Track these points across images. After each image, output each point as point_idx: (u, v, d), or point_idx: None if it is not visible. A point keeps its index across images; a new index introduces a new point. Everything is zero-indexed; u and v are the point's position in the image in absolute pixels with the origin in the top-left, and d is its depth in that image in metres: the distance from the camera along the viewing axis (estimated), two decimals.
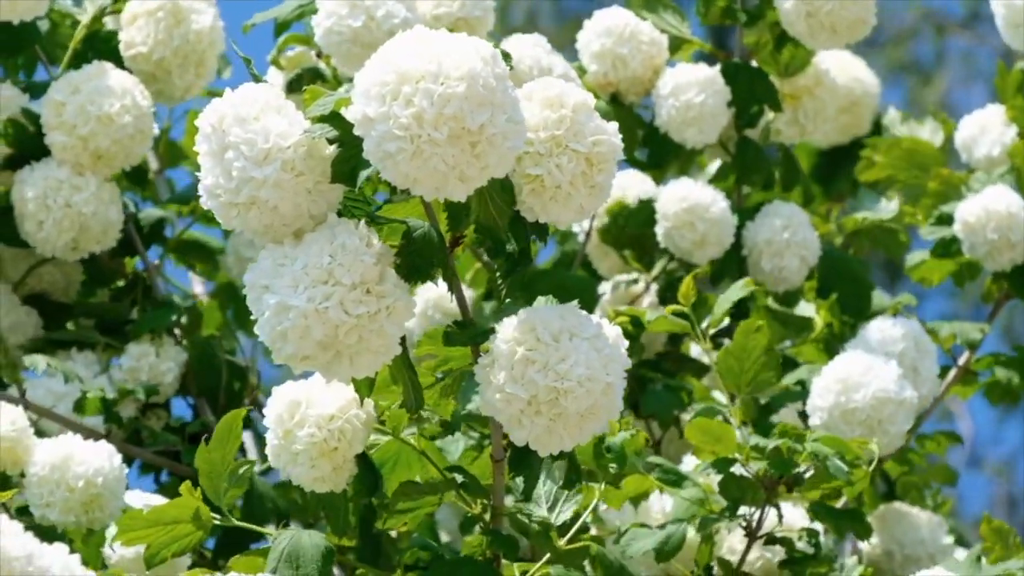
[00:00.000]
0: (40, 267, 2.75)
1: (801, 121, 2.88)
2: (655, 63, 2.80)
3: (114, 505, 2.24)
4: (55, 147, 2.61)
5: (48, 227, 2.60)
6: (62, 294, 2.78)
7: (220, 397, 2.75)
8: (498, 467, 1.94)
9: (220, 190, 1.74)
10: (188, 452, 2.64)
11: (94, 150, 2.60)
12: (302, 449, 1.94)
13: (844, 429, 2.46)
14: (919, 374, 2.58)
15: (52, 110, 2.60)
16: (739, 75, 2.79)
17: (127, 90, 2.61)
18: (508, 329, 1.77)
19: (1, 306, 2.69)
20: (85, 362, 2.65)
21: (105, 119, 2.58)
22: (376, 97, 1.65)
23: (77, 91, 2.60)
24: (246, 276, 1.76)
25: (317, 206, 1.75)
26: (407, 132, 1.64)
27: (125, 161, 2.63)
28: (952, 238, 2.74)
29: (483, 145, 1.66)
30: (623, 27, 2.78)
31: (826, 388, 2.49)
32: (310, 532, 1.96)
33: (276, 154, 1.72)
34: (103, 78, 2.61)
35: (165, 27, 2.68)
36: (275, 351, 1.73)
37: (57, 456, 2.23)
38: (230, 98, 1.76)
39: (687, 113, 2.75)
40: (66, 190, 2.60)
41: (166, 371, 2.68)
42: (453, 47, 1.67)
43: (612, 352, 1.78)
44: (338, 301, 1.70)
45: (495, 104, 1.66)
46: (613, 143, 1.81)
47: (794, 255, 2.76)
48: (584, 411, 1.76)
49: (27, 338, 2.70)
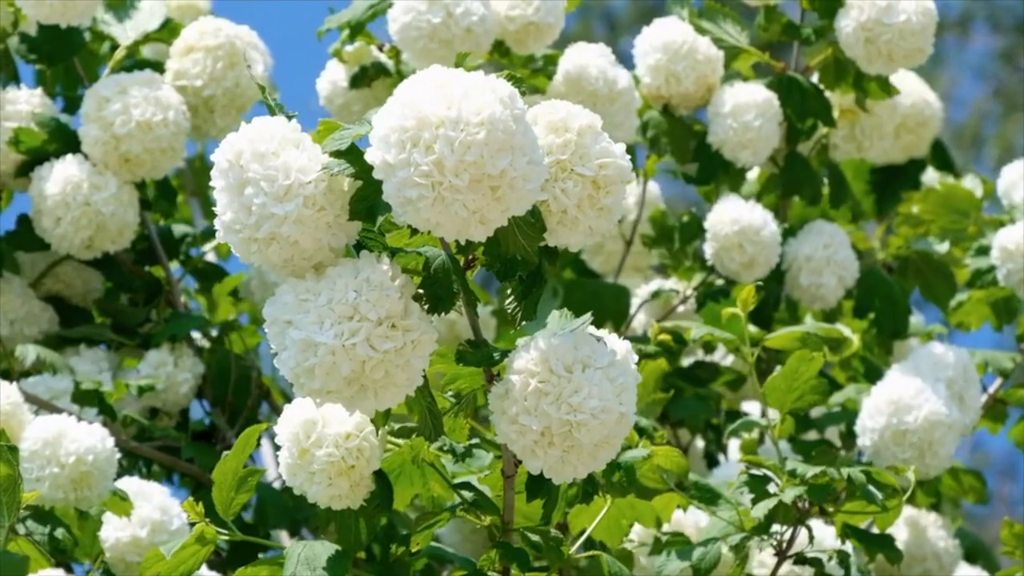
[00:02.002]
0: (57, 267, 2.77)
1: (858, 138, 2.90)
2: (709, 82, 2.82)
3: (103, 485, 2.26)
4: (87, 140, 2.62)
5: (66, 224, 2.62)
6: (80, 299, 2.81)
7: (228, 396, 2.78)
8: (508, 483, 1.97)
9: (239, 225, 1.74)
10: (188, 448, 2.67)
11: (124, 152, 2.62)
12: (320, 469, 1.95)
13: (894, 450, 2.49)
14: (965, 402, 2.61)
15: (94, 103, 2.62)
16: (793, 89, 2.81)
17: (173, 105, 2.64)
18: (522, 360, 1.78)
19: (16, 297, 2.71)
20: (93, 358, 2.67)
21: (144, 125, 2.61)
22: (396, 143, 1.66)
23: (124, 92, 2.62)
24: (266, 310, 1.76)
25: (337, 239, 1.76)
26: (428, 179, 1.65)
27: (151, 172, 2.65)
28: (988, 268, 2.77)
29: (504, 189, 1.66)
30: (680, 44, 2.79)
31: (877, 409, 2.52)
32: (323, 542, 1.99)
33: (297, 190, 1.72)
34: (153, 87, 2.63)
35: (222, 67, 2.70)
36: (299, 386, 1.74)
37: (50, 432, 2.25)
38: (246, 132, 1.76)
39: (744, 135, 2.77)
40: (86, 188, 2.62)
41: (182, 381, 2.71)
42: (471, 90, 1.67)
43: (625, 380, 1.80)
44: (365, 337, 1.71)
45: (515, 148, 1.66)
46: (620, 166, 1.81)
47: (832, 273, 2.78)
48: (598, 442, 1.78)
49: (40, 331, 2.72)
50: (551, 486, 1.88)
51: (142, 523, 2.35)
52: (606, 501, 2.16)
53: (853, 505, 2.28)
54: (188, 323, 2.72)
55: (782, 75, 2.83)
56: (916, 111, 3.06)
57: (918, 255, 2.94)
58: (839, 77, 2.81)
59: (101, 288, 2.82)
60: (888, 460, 2.52)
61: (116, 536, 2.35)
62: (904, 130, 3.06)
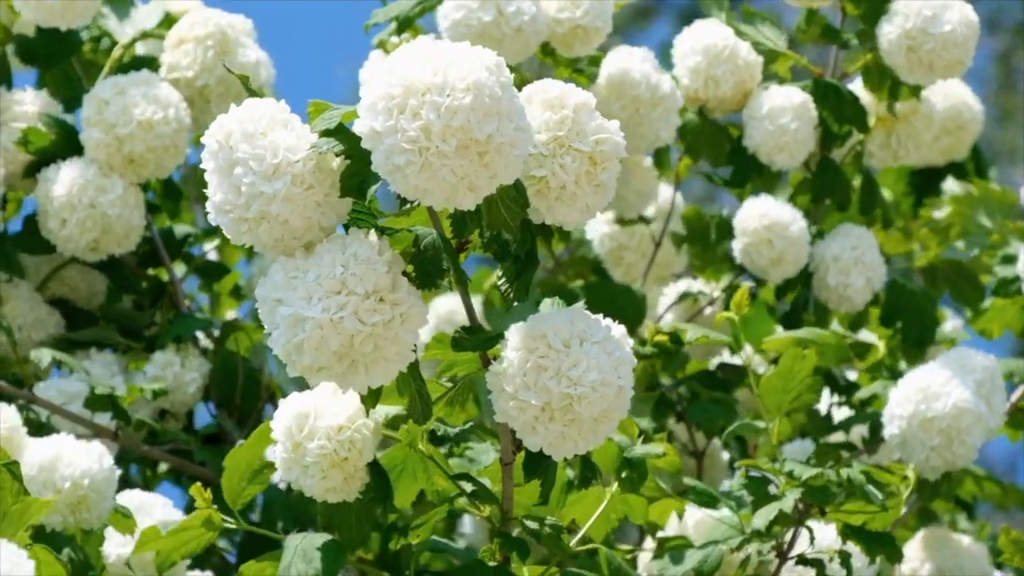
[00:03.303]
0: (62, 271, 2.77)
1: (893, 146, 2.89)
2: (747, 87, 2.82)
3: (103, 507, 2.24)
4: (89, 143, 2.63)
5: (71, 226, 2.62)
6: (85, 302, 2.81)
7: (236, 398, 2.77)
8: (507, 471, 1.96)
9: (229, 206, 1.74)
10: (200, 451, 2.66)
11: (128, 153, 2.63)
12: (313, 461, 1.94)
13: (923, 437, 2.47)
14: (991, 407, 2.58)
15: (94, 106, 2.63)
16: (829, 94, 2.81)
17: (172, 103, 2.64)
18: (518, 336, 1.78)
19: (24, 302, 2.70)
20: (104, 362, 2.67)
21: (146, 124, 2.61)
22: (383, 111, 1.66)
23: (123, 92, 2.63)
24: (258, 290, 1.76)
25: (327, 218, 1.76)
26: (415, 145, 1.65)
27: (155, 171, 2.66)
28: (1014, 277, 2.76)
29: (491, 155, 1.66)
30: (721, 48, 2.79)
31: (905, 397, 2.50)
32: (321, 534, 1.98)
33: (286, 168, 1.73)
34: (151, 86, 2.64)
35: (213, 55, 2.71)
36: (290, 363, 1.73)
37: (45, 456, 2.22)
38: (236, 114, 1.77)
39: (780, 138, 2.76)
40: (92, 190, 2.62)
41: (190, 381, 2.70)
42: (457, 58, 1.67)
43: (622, 354, 1.79)
44: (352, 310, 1.71)
45: (501, 113, 1.67)
46: (615, 141, 1.81)
47: (860, 274, 2.76)
48: (598, 415, 1.77)
49: (48, 335, 2.72)
50: (549, 464, 1.86)
51: None
52: (605, 495, 2.14)
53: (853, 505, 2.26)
54: (192, 324, 2.71)
55: (819, 79, 2.82)
56: (956, 114, 3.06)
57: (947, 263, 2.93)
58: (881, 83, 2.80)
59: (106, 291, 2.81)
60: (915, 448, 2.49)
61: (117, 552, 2.33)
62: (944, 133, 3.06)
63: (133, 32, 2.76)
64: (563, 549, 2.02)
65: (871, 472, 2.21)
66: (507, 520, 2.00)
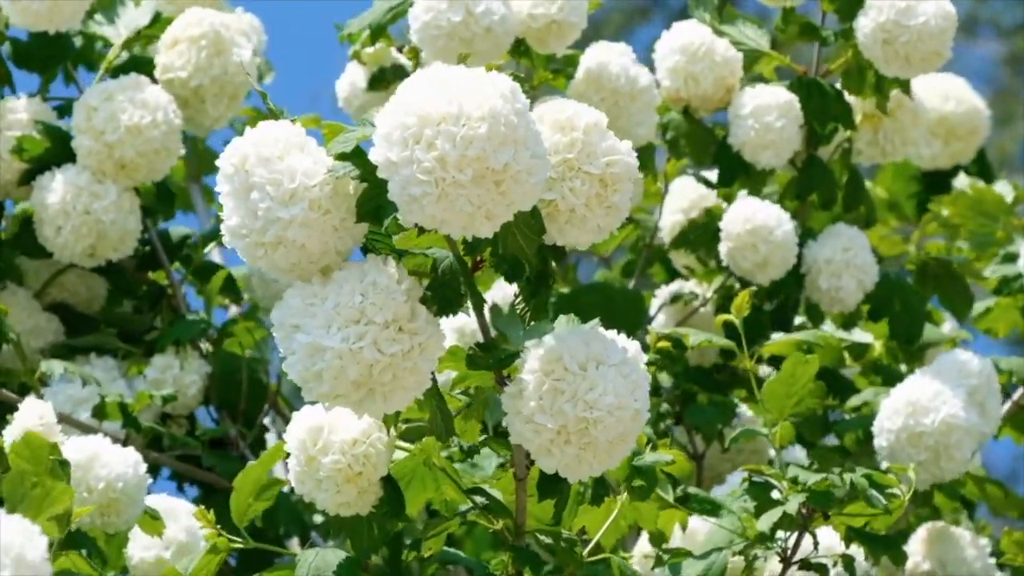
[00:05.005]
0: (61, 276, 2.77)
1: (881, 142, 2.89)
2: (727, 83, 2.82)
3: (131, 512, 2.24)
4: (80, 151, 2.63)
5: (66, 233, 2.63)
6: (84, 306, 2.81)
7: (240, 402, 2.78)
8: (520, 486, 1.96)
9: (245, 230, 1.74)
10: (208, 456, 2.67)
11: (118, 159, 2.63)
12: (327, 476, 1.94)
13: (910, 452, 2.48)
14: (986, 412, 2.59)
15: (83, 114, 2.63)
16: (813, 92, 2.81)
17: (161, 106, 2.63)
18: (534, 359, 1.78)
19: (22, 310, 2.71)
20: (104, 367, 2.68)
21: (134, 129, 2.61)
22: (398, 141, 1.65)
23: (111, 98, 2.62)
24: (274, 314, 1.76)
25: (343, 242, 1.76)
26: (431, 176, 1.64)
27: (148, 175, 2.65)
28: (1015, 276, 2.76)
29: (508, 183, 1.66)
30: (698, 46, 2.80)
31: (895, 410, 2.51)
32: (334, 549, 1.99)
33: (303, 193, 1.72)
34: (138, 90, 2.63)
35: (207, 55, 2.70)
36: (307, 390, 1.74)
37: (83, 455, 2.22)
38: (251, 137, 1.76)
39: (765, 136, 2.76)
40: (86, 197, 2.62)
41: (190, 383, 2.71)
42: (472, 85, 1.67)
43: (638, 377, 1.79)
44: (372, 340, 1.71)
45: (518, 141, 1.66)
46: (627, 163, 1.81)
47: (852, 277, 2.77)
48: (614, 438, 1.77)
49: (47, 343, 2.72)
50: (564, 486, 1.87)
51: (168, 543, 2.34)
52: (616, 503, 2.15)
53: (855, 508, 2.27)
54: (192, 327, 2.71)
55: (803, 78, 2.82)
56: (968, 118, 3.06)
57: (937, 262, 2.93)
58: (861, 81, 2.80)
59: (105, 295, 2.82)
60: (903, 461, 2.51)
61: (141, 556, 2.34)
62: (954, 137, 3.06)
63: (127, 32, 2.75)
64: (578, 562, 2.03)
65: (873, 475, 2.22)
66: (520, 534, 2.01)
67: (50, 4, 2.64)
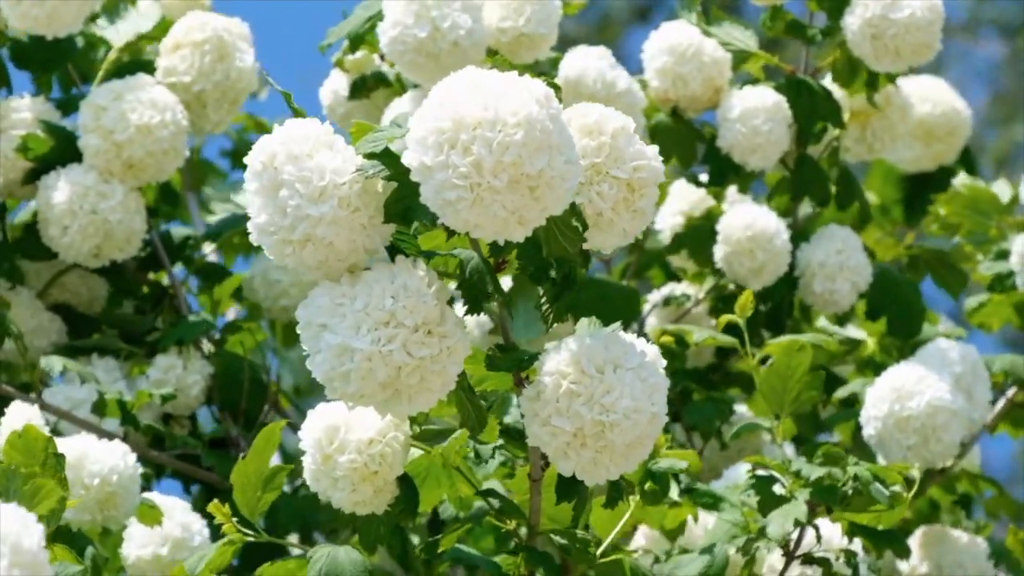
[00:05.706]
0: (63, 276, 2.76)
1: (869, 140, 2.90)
2: (716, 83, 2.82)
3: (129, 504, 2.25)
4: (88, 150, 2.62)
5: (72, 232, 2.62)
6: (86, 307, 2.80)
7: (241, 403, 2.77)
8: (535, 487, 1.97)
9: (274, 227, 1.74)
10: (208, 456, 2.67)
11: (127, 158, 2.62)
12: (343, 475, 1.94)
13: (899, 437, 2.50)
14: (973, 398, 2.61)
15: (91, 113, 2.61)
16: (802, 92, 2.81)
17: (168, 106, 2.63)
18: (553, 361, 1.79)
19: (25, 310, 2.70)
20: (106, 368, 2.67)
21: (144, 129, 2.60)
22: (433, 146, 1.65)
23: (120, 98, 2.61)
24: (300, 312, 1.76)
25: (372, 241, 1.76)
26: (466, 181, 1.64)
27: (155, 175, 2.65)
28: (1008, 272, 2.78)
29: (542, 188, 1.66)
30: (686, 46, 2.80)
31: (880, 398, 2.53)
32: (346, 548, 1.99)
33: (332, 191, 1.72)
34: (146, 91, 2.63)
35: (210, 60, 2.69)
36: (331, 389, 1.74)
37: (72, 455, 2.22)
38: (280, 135, 1.76)
39: (753, 139, 2.77)
40: (93, 197, 2.61)
41: (192, 384, 2.70)
42: (507, 91, 1.67)
43: (656, 380, 1.80)
44: (401, 343, 1.71)
45: (552, 147, 1.66)
46: (654, 167, 1.82)
47: (846, 279, 2.79)
48: (631, 442, 1.78)
49: (49, 343, 2.71)
50: (581, 488, 1.88)
51: (163, 540, 2.34)
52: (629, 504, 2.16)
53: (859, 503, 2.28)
54: (194, 328, 2.71)
55: (791, 77, 2.84)
56: (946, 120, 3.07)
57: (927, 252, 2.96)
58: (851, 77, 2.82)
59: (107, 296, 2.81)
60: (892, 448, 2.52)
61: (137, 554, 2.34)
62: (933, 139, 3.08)
63: (128, 36, 2.74)
64: (591, 562, 2.04)
65: (876, 470, 2.23)
66: (533, 535, 2.02)
67: (50, 10, 2.63)
